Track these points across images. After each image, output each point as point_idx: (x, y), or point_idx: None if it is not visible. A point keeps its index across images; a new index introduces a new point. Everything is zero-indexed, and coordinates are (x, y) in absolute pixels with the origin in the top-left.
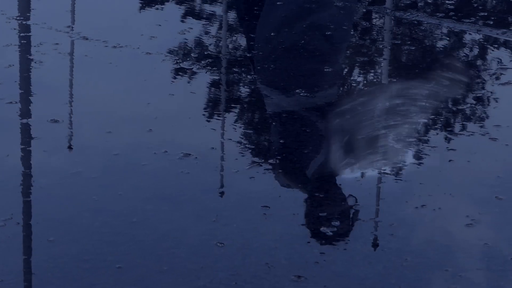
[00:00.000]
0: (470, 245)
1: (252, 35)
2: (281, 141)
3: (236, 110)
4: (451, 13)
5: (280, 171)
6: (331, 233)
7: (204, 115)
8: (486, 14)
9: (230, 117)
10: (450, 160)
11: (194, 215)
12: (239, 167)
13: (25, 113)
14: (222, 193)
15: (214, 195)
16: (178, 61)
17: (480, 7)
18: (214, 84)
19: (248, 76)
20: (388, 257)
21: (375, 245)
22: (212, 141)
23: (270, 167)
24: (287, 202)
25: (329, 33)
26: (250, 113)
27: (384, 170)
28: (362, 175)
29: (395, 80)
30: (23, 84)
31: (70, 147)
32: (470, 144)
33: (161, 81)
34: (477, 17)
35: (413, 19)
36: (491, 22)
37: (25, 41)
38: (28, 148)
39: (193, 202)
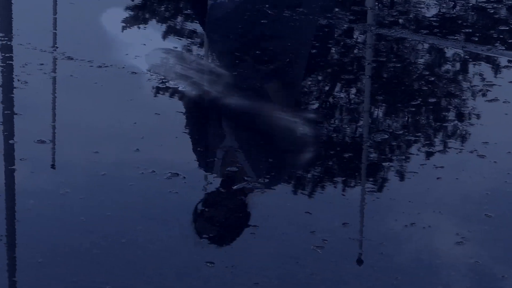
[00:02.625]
0: (460, 263)
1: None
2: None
3: (223, 129)
4: (435, 30)
5: None
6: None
7: (190, 134)
8: (470, 30)
9: (217, 136)
10: (438, 178)
11: (183, 235)
12: (227, 186)
13: (11, 133)
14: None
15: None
16: (163, 80)
17: (465, 24)
18: (199, 103)
19: (228, 93)
20: (378, 275)
21: (365, 264)
22: (199, 161)
23: (258, 186)
24: (276, 221)
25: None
26: (237, 132)
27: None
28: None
29: (379, 97)
30: (8, 104)
31: (56, 168)
32: (458, 161)
33: (147, 100)
34: (462, 34)
35: (397, 36)
36: (476, 39)
37: (9, 62)
38: (14, 169)
39: (182, 222)
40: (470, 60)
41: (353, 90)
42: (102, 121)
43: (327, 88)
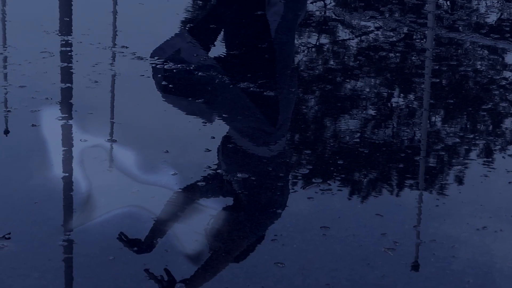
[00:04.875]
0: None
1: None
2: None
3: (295, 128)
4: (507, 35)
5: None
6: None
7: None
8: None
9: (291, 137)
10: (510, 182)
11: (254, 235)
12: (298, 187)
13: (80, 131)
14: (280, 214)
15: (273, 216)
16: (233, 81)
17: None
18: (269, 104)
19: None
20: (449, 278)
21: (436, 266)
22: (270, 162)
23: (329, 187)
24: (347, 222)
25: None
26: (305, 132)
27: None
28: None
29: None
30: (79, 103)
31: (127, 167)
32: None
33: (217, 101)
34: None
35: (468, 40)
36: None
37: (80, 61)
38: (84, 168)
39: (253, 222)
40: None
41: (425, 93)
42: (171, 121)
43: (388, 91)
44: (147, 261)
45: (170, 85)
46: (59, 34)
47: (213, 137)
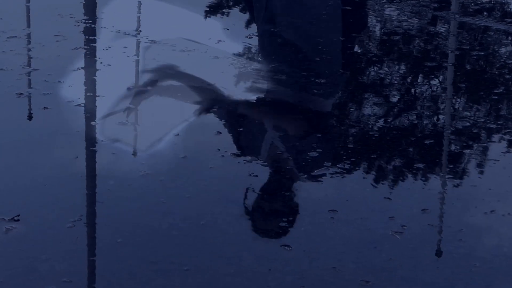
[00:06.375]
0: None
1: None
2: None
3: (301, 115)
4: None
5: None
6: (389, 234)
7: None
8: None
9: (299, 120)
10: None
11: (261, 218)
12: (307, 171)
13: (93, 115)
14: (288, 196)
15: (282, 198)
16: (246, 64)
17: None
18: (278, 87)
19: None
20: (456, 262)
21: (443, 250)
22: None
23: (338, 171)
24: (355, 206)
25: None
26: (316, 119)
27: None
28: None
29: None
30: (91, 86)
31: (137, 150)
32: None
33: (229, 84)
34: None
35: (481, 24)
36: None
37: (93, 44)
38: (95, 150)
39: (260, 205)
40: None
41: (434, 78)
42: (183, 104)
43: (407, 76)
44: (155, 244)
45: None
46: (73, 17)
47: None
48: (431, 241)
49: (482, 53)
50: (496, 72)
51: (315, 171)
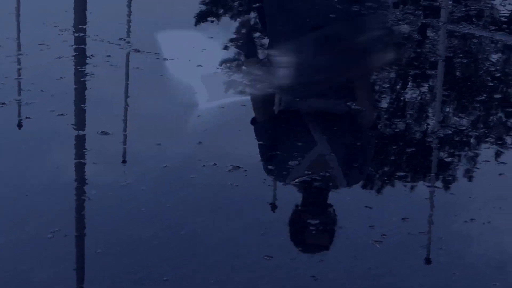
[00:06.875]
0: None
1: None
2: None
3: (285, 123)
4: (504, 26)
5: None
6: (375, 245)
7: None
8: None
9: (279, 129)
10: (500, 174)
11: (242, 228)
12: (287, 180)
13: (76, 125)
14: (270, 206)
15: (262, 208)
16: (229, 73)
17: None
18: (263, 96)
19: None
20: (436, 271)
21: (423, 259)
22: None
23: (318, 180)
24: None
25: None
26: (296, 125)
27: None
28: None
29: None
30: (74, 96)
31: (119, 160)
32: None
33: (212, 93)
34: None
35: (465, 31)
36: None
37: (77, 53)
38: (77, 160)
39: (242, 215)
40: None
41: (419, 86)
42: (165, 114)
43: (394, 83)
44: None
45: None
46: (57, 26)
47: None
48: (411, 250)
49: (465, 61)
50: (479, 80)
51: (295, 180)
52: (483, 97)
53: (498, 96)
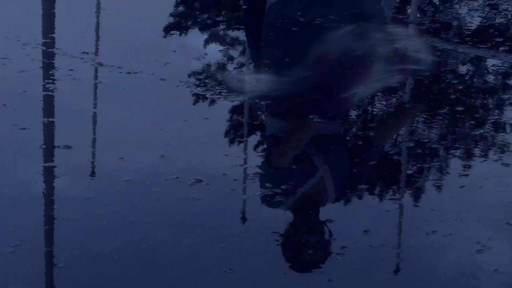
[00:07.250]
0: (480, 271)
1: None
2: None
3: (248, 137)
4: (467, 39)
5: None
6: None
7: (216, 141)
8: (502, 39)
9: (242, 143)
10: (462, 186)
11: (204, 242)
12: (250, 193)
13: (38, 139)
14: (233, 219)
15: (225, 221)
16: (192, 87)
17: (497, 33)
18: (228, 110)
19: (264, 102)
20: (396, 283)
21: (384, 271)
22: (223, 167)
23: (280, 193)
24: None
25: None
26: (261, 139)
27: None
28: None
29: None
30: (36, 110)
31: (82, 173)
32: (482, 170)
33: (175, 107)
34: (494, 43)
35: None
36: (508, 48)
37: (39, 67)
38: (39, 174)
39: (204, 228)
40: (502, 69)
41: (379, 99)
42: (128, 127)
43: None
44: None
45: None
46: (20, 40)
47: None
48: (372, 262)
49: (428, 74)
50: (441, 93)
51: (258, 192)
52: (445, 110)
53: (460, 108)
